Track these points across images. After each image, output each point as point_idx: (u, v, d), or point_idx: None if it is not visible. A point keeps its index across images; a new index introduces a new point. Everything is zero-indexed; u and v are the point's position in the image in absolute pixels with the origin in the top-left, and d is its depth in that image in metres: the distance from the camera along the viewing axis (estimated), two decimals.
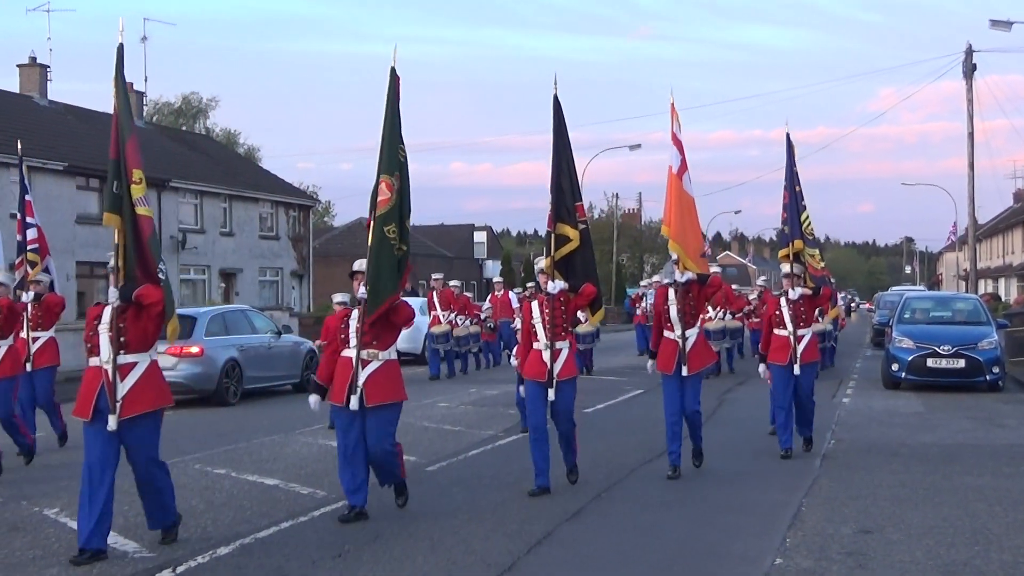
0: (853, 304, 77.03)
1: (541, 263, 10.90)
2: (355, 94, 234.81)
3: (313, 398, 9.78)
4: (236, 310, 23.04)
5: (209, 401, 19.54)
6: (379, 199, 9.14)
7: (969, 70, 39.37)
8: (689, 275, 11.29)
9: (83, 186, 33.86)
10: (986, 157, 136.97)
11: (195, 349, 19.30)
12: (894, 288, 56.90)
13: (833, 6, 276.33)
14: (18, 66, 38.27)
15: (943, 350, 20.32)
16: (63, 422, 14.34)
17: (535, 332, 10.53)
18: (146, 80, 50.98)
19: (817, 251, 13.97)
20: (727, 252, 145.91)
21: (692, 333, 11.35)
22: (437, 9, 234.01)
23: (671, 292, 11.42)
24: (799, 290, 12.92)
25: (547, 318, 10.44)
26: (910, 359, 20.48)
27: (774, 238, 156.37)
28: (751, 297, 26.68)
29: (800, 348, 12.65)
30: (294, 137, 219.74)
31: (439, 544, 8.39)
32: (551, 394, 10.31)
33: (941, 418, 16.39)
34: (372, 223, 9.19)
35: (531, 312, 10.62)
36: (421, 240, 67.98)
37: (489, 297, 27.94)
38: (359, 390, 9.09)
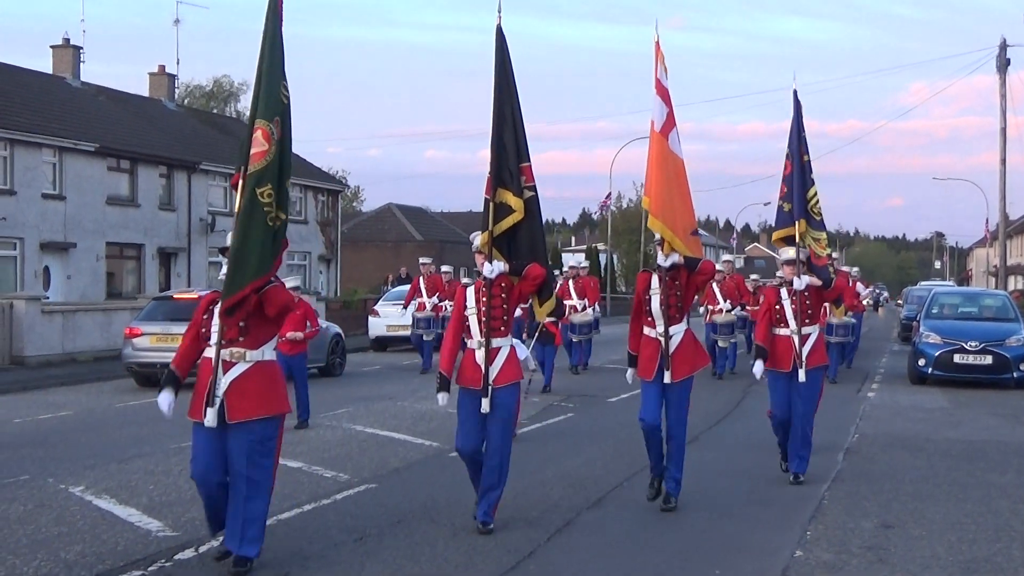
0: (882, 299, 76.56)
1: (477, 240, 8.78)
2: (384, 80, 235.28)
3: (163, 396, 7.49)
4: None
5: None
6: (252, 151, 7.08)
7: (1003, 64, 39.09)
8: (675, 258, 9.21)
9: (114, 167, 34.05)
10: (1019, 153, 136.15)
11: None
12: (923, 283, 56.54)
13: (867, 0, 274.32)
14: (51, 47, 38.46)
15: (970, 346, 20.19)
16: None
17: (468, 326, 8.65)
18: (178, 63, 51.30)
19: (823, 235, 11.26)
20: (755, 244, 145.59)
21: (678, 330, 9.31)
22: None
23: (654, 279, 9.43)
24: (805, 279, 10.64)
25: (483, 308, 8.50)
26: (937, 354, 20.35)
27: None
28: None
29: (805, 350, 10.56)
30: (324, 122, 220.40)
31: (460, 530, 8.43)
32: (485, 405, 8.30)
33: (966, 414, 16.31)
34: (242, 182, 7.14)
35: (464, 301, 8.65)
36: (449, 227, 68.12)
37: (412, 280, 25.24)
38: (218, 401, 7.09)
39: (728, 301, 21.64)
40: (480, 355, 8.44)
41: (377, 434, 13.45)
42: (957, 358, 20.22)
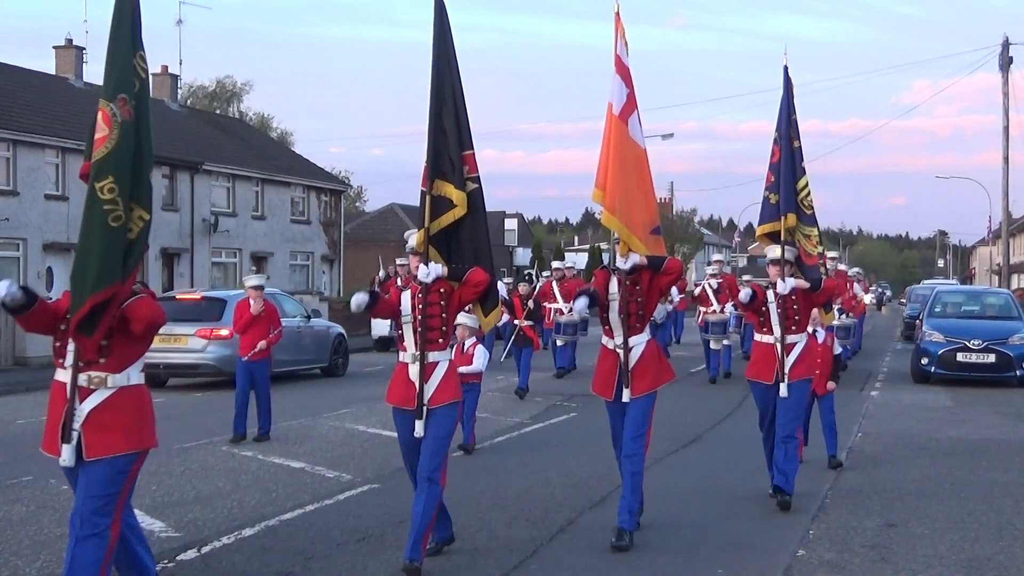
0: (885, 297, 76.53)
1: (412, 239, 7.80)
2: (388, 80, 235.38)
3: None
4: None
5: None
6: (95, 137, 5.77)
7: (1006, 63, 39.08)
8: (635, 260, 8.11)
9: None
10: (1022, 151, 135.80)
11: (225, 332, 19.39)
12: (926, 281, 56.52)
13: None
14: (54, 48, 38.45)
15: (973, 344, 20.18)
16: None
17: (402, 336, 7.55)
18: (181, 63, 51.06)
19: (815, 230, 10.05)
20: (759, 243, 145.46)
21: (639, 342, 8.22)
22: None
23: (612, 283, 8.31)
24: (791, 282, 9.49)
25: (418, 317, 7.42)
26: (940, 353, 20.34)
27: None
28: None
29: (789, 360, 9.43)
30: (327, 122, 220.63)
31: (463, 529, 8.43)
32: (419, 428, 7.27)
33: (969, 413, 16.29)
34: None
35: (399, 305, 7.54)
36: None
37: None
38: (75, 436, 5.80)
39: (720, 302, 20.90)
40: (414, 371, 7.40)
41: (380, 434, 13.45)
42: (960, 357, 20.20)
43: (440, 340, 7.45)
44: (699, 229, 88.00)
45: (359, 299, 7.30)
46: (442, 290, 7.46)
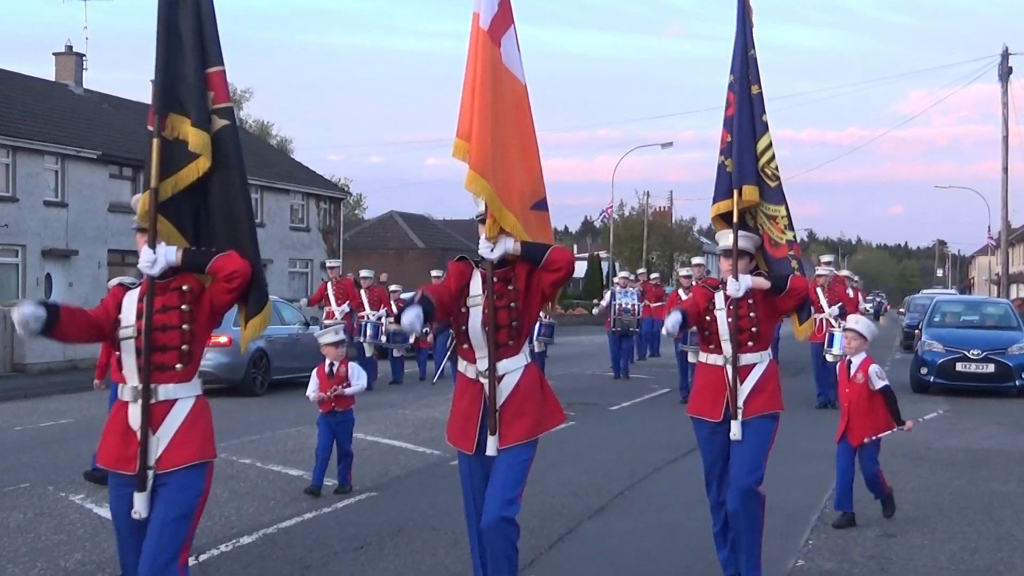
0: (883, 307, 76.49)
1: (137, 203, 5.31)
2: (386, 88, 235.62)
3: None
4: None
5: (236, 391, 19.62)
6: None
7: (1005, 73, 39.11)
8: (508, 246, 5.82)
9: (116, 175, 34.04)
10: (1020, 160, 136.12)
11: (223, 339, 19.38)
12: (925, 291, 56.57)
13: (865, 7, 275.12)
14: (54, 54, 38.46)
15: (972, 354, 20.16)
16: None
17: (120, 362, 5.14)
18: None
19: (783, 209, 7.21)
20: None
21: (512, 367, 5.93)
22: (467, 3, 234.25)
23: (474, 281, 5.99)
24: (747, 280, 6.84)
25: (144, 331, 5.00)
26: (939, 363, 20.32)
27: (804, 238, 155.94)
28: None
29: (744, 389, 6.86)
30: (326, 129, 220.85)
31: (461, 538, 8.38)
32: (139, 503, 4.96)
33: (969, 423, 16.27)
34: None
35: (118, 312, 5.13)
36: (452, 234, 68.09)
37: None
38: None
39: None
40: (134, 413, 5.02)
41: (378, 442, 13.43)
42: (959, 367, 20.19)
43: (179, 366, 5.04)
44: (698, 238, 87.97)
45: (25, 314, 4.77)
46: (184, 288, 5.09)
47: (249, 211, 5.32)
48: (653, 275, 31.10)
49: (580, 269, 73.36)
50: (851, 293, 18.65)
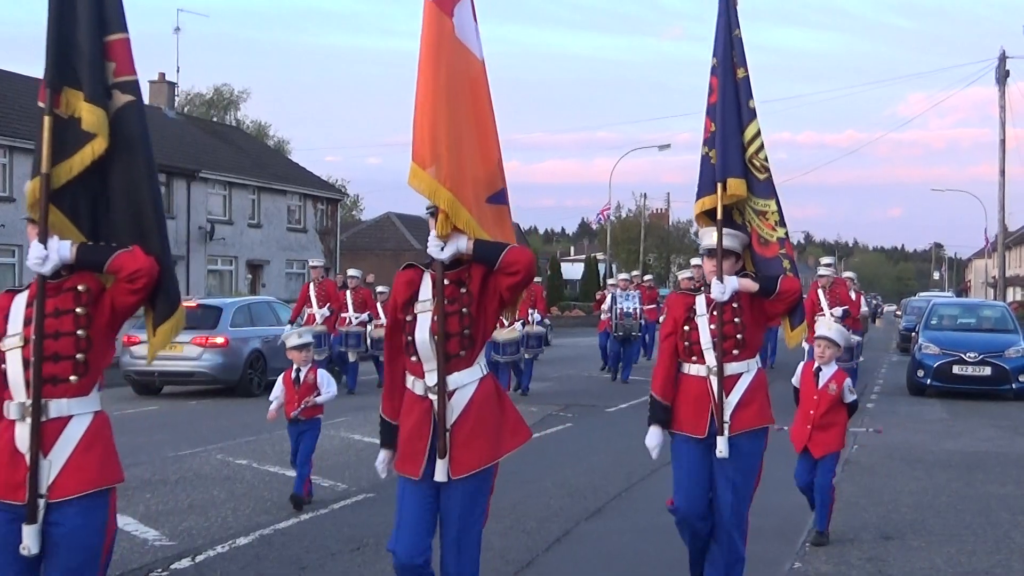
0: (879, 310, 76.57)
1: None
2: (383, 89, 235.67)
3: None
4: (262, 301, 23.18)
5: (233, 392, 19.60)
6: None
7: (1002, 76, 39.19)
8: (459, 245, 5.10)
9: None
10: (1018, 164, 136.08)
11: (220, 340, 19.38)
12: (922, 294, 56.64)
13: (863, 10, 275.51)
14: None
15: (969, 357, 20.16)
16: None
17: (5, 375, 4.48)
18: (178, 71, 51.54)
19: (774, 204, 6.59)
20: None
21: (464, 380, 5.16)
22: None
23: (424, 284, 5.25)
24: (732, 282, 6.27)
25: (33, 337, 4.39)
26: (936, 365, 20.31)
27: (802, 241, 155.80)
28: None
29: (731, 401, 6.30)
30: (324, 130, 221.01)
31: None
32: (28, 536, 4.30)
33: (966, 426, 16.27)
34: None
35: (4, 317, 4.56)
36: None
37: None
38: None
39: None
40: (22, 433, 4.38)
41: (376, 443, 13.36)
42: (956, 369, 20.19)
43: (73, 378, 4.42)
44: (695, 240, 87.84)
45: None
46: (80, 288, 4.48)
47: (157, 201, 4.68)
48: (647, 277, 31.00)
49: (577, 271, 73.39)
50: (852, 295, 18.37)
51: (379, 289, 22.06)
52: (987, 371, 20.06)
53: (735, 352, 6.32)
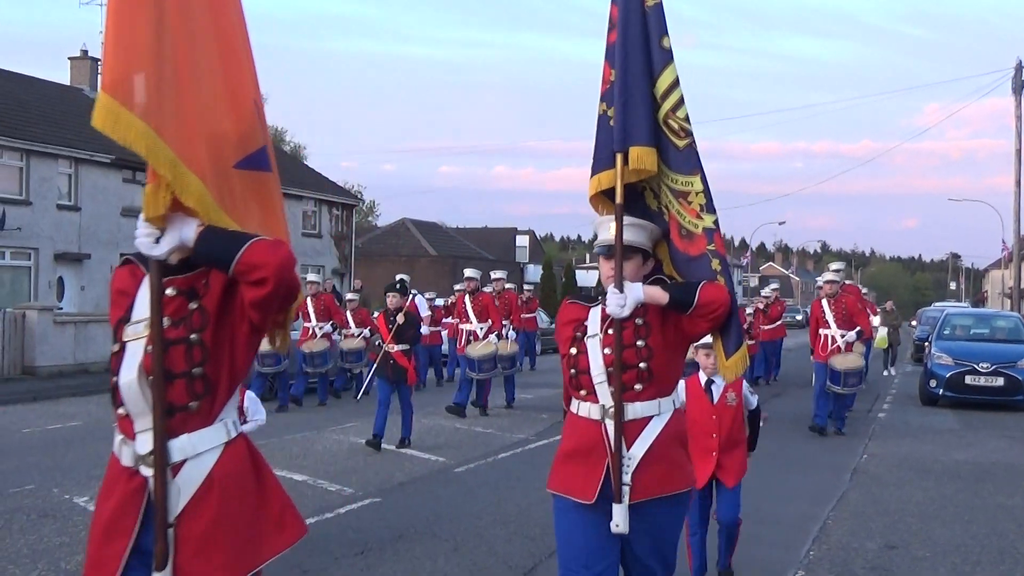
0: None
1: None
2: (397, 94, 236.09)
3: None
4: None
5: None
6: None
7: (1018, 86, 39.00)
8: (185, 234, 3.57)
9: (129, 179, 34.13)
10: None
11: None
12: (937, 304, 56.44)
13: (879, 20, 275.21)
14: (69, 59, 38.64)
15: (982, 367, 20.09)
16: None
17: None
18: None
19: (698, 181, 4.65)
20: (771, 263, 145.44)
21: (198, 444, 3.56)
22: (479, 11, 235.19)
23: (141, 292, 3.73)
24: (634, 291, 4.52)
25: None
26: (948, 375, 20.26)
27: (818, 250, 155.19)
28: (747, 311, 23.37)
29: (635, 455, 4.49)
30: (339, 137, 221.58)
31: (462, 545, 8.42)
32: None
33: (976, 436, 16.21)
34: None
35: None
36: (463, 242, 68.21)
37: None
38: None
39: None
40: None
41: (384, 448, 13.43)
42: (968, 379, 20.12)
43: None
44: None
45: None
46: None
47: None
48: None
49: (592, 278, 73.26)
50: (861, 307, 17.64)
51: (348, 296, 21.24)
52: (1000, 382, 19.99)
53: (637, 388, 4.52)
